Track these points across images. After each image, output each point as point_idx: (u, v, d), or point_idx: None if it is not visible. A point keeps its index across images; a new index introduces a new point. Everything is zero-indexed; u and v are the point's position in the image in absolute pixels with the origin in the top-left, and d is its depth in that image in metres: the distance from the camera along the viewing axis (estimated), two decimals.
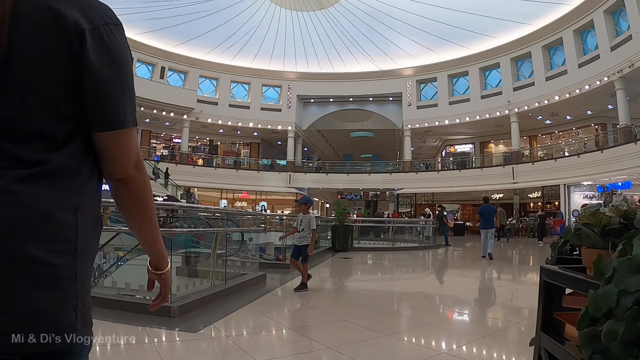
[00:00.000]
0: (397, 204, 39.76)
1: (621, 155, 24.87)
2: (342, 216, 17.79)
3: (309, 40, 36.74)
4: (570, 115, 32.76)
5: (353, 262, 14.69)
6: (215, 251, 7.79)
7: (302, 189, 40.32)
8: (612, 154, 25.88)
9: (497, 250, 20.78)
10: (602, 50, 26.91)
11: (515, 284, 10.91)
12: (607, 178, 26.63)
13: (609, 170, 25.70)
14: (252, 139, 43.79)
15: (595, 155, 27.17)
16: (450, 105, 36.90)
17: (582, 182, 28.77)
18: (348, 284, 10.60)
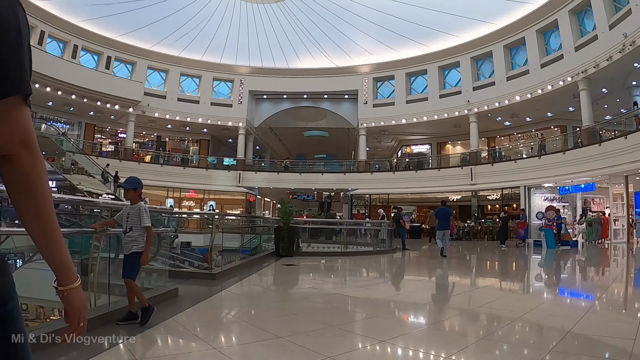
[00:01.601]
0: (350, 205, 38.63)
1: (584, 157, 24.53)
2: (287, 216, 15.84)
3: (263, 34, 35.27)
4: (530, 116, 32.47)
5: (295, 271, 12.60)
6: (93, 258, 5.58)
7: (252, 188, 38.97)
8: (574, 155, 25.49)
9: (467, 256, 19.97)
10: (566, 51, 26.59)
11: (477, 291, 9.90)
12: (570, 180, 26.20)
13: (571, 172, 25.27)
14: (201, 135, 41.92)
15: (557, 157, 26.79)
16: (407, 104, 36.11)
17: (543, 184, 28.31)
18: (278, 302, 7.96)
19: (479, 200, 33.75)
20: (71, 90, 30.69)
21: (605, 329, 5.49)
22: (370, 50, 35.60)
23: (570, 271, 14.19)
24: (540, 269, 15.29)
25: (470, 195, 33.45)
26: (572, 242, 22.20)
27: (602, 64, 23.73)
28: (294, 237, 15.94)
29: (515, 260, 17.37)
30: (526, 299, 8.74)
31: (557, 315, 6.40)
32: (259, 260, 13.68)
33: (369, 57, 36.67)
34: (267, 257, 14.72)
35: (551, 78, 27.32)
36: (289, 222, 15.74)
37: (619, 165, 22.21)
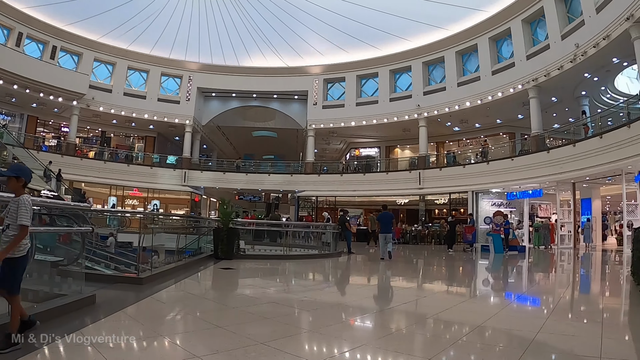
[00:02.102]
0: (297, 207, 38.06)
1: (532, 164, 24.87)
2: (227, 217, 14.97)
3: (214, 29, 34.32)
4: (479, 123, 32.83)
5: (231, 275, 11.60)
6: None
7: (198, 187, 37.79)
8: (523, 162, 25.83)
9: (417, 262, 19.78)
10: (517, 59, 26.95)
11: (421, 293, 9.82)
12: (518, 186, 26.54)
13: (519, 178, 25.60)
14: (147, 132, 40.37)
15: (505, 163, 27.06)
16: (357, 107, 35.88)
17: (491, 190, 28.60)
18: (205, 311, 6.77)
19: (427, 204, 33.74)
20: (13, 80, 29.03)
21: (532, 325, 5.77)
22: (322, 51, 35.20)
23: (516, 276, 14.17)
24: (487, 273, 15.26)
25: (418, 199, 33.41)
26: (520, 247, 22.33)
27: (553, 73, 24.14)
28: (234, 239, 14.98)
29: (462, 265, 17.27)
30: (471, 302, 8.67)
31: (476, 314, 6.72)
32: (196, 263, 12.80)
33: (320, 58, 36.24)
34: (205, 260, 13.85)
35: (502, 85, 27.65)
36: (229, 222, 14.89)
37: (567, 173, 22.62)
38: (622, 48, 20.37)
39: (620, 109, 23.63)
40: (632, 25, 18.71)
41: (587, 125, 23.60)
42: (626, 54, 20.95)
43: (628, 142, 18.49)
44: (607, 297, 9.22)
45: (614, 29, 19.86)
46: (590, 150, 20.99)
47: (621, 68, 24.01)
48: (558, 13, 24.07)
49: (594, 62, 22.30)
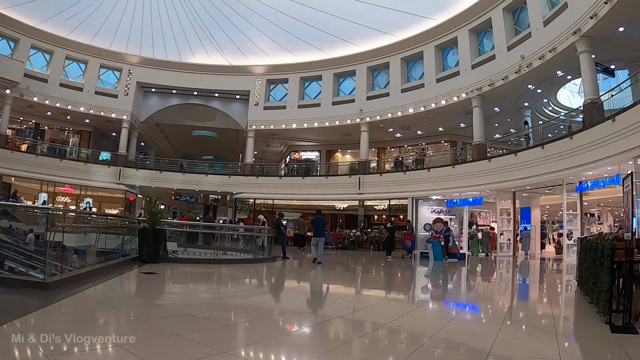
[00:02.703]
0: (234, 210, 37.00)
1: (474, 172, 24.90)
2: (154, 217, 13.97)
3: (158, 22, 32.68)
4: (421, 130, 32.89)
5: (151, 281, 10.49)
6: None
7: (133, 186, 35.99)
8: (464, 169, 25.87)
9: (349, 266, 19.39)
10: (462, 68, 27.07)
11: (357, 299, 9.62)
12: (458, 194, 26.58)
13: (460, 186, 25.59)
14: (83, 126, 38.15)
15: (446, 170, 27.01)
16: (299, 109, 35.29)
17: (432, 197, 28.56)
18: (109, 325, 5.93)
19: (366, 209, 33.43)
20: None
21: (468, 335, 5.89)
22: (266, 51, 34.43)
23: (456, 283, 14.14)
24: (426, 280, 15.15)
25: (357, 204, 33.07)
26: (460, 254, 22.29)
27: (497, 82, 24.33)
28: (160, 240, 13.89)
29: (400, 272, 17.15)
30: (405, 307, 8.69)
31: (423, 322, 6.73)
32: (116, 267, 11.69)
33: (264, 58, 35.42)
34: (127, 263, 12.75)
35: (446, 93, 27.72)
36: (156, 223, 13.87)
37: (508, 181, 22.76)
38: (567, 61, 20.68)
39: (562, 121, 24.16)
40: (579, 39, 18.96)
41: (529, 135, 23.92)
42: (570, 68, 21.34)
43: (570, 153, 18.68)
44: (552, 305, 9.16)
45: (561, 42, 20.11)
46: (531, 160, 21.12)
47: (565, 81, 24.53)
48: (505, 25, 24.30)
49: (539, 74, 22.58)
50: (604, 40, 18.98)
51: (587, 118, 18.82)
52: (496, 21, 24.85)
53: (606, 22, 17.59)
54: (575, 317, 7.78)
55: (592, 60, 19.20)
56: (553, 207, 29.62)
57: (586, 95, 19.29)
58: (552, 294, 11.25)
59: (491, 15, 25.11)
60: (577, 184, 20.17)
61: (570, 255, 20.28)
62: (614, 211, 27.97)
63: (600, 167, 17.32)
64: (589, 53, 19.11)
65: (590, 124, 17.90)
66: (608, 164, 16.77)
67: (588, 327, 6.64)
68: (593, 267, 7.87)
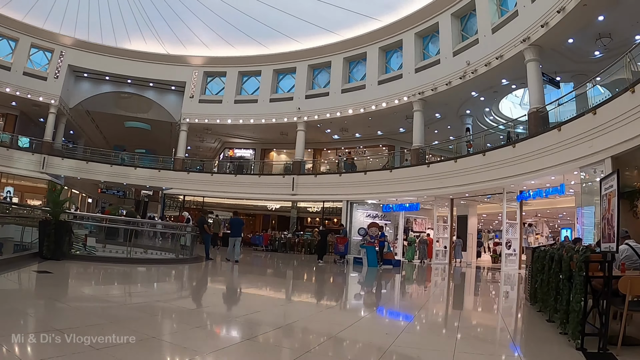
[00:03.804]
0: (163, 206, 35.08)
1: (411, 177, 24.35)
2: (57, 207, 12.38)
3: (95, 4, 30.40)
4: (360, 133, 32.25)
5: (41, 283, 8.90)
6: None
7: (58, 176, 33.13)
8: (401, 174, 25.27)
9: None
10: (406, 71, 26.57)
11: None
12: (395, 198, 25.98)
13: (397, 191, 24.96)
14: (9, 109, 34.96)
15: (383, 174, 26.35)
16: (235, 104, 33.88)
17: (367, 200, 27.82)
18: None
19: (299, 211, 32.30)
20: None
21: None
22: (205, 41, 32.87)
23: (390, 290, 13.56)
24: (358, 287, 14.45)
25: (290, 205, 31.97)
26: (395, 261, 21.57)
27: (440, 87, 23.92)
28: (64, 234, 12.13)
29: (331, 277, 16.25)
30: (345, 317, 7.91)
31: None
32: (7, 262, 10.10)
33: (203, 49, 33.83)
34: (23, 259, 11.09)
35: (387, 96, 27.10)
36: (59, 214, 12.31)
37: (447, 188, 22.27)
38: (513, 70, 20.51)
39: (501, 131, 23.96)
40: (527, 47, 18.73)
41: (470, 142, 23.55)
42: (516, 77, 21.21)
43: (512, 161, 18.33)
44: (504, 320, 8.50)
45: (508, 50, 19.84)
46: (472, 167, 20.69)
47: (508, 90, 24.43)
48: (453, 30, 23.96)
49: (483, 81, 22.32)
50: (552, 51, 18.92)
51: (531, 127, 18.50)
52: (443, 26, 24.48)
53: (556, 31, 17.44)
54: (536, 338, 6.75)
55: (540, 69, 18.99)
56: (489, 216, 29.58)
57: (532, 103, 19.00)
58: (503, 308, 10.50)
59: (439, 20, 24.75)
60: (519, 193, 19.88)
61: (508, 264, 19.97)
62: (549, 222, 28.17)
63: (543, 176, 17.00)
64: (537, 62, 18.92)
65: (535, 133, 17.59)
66: (552, 173, 16.45)
67: (556, 353, 5.67)
68: (554, 282, 7.13)
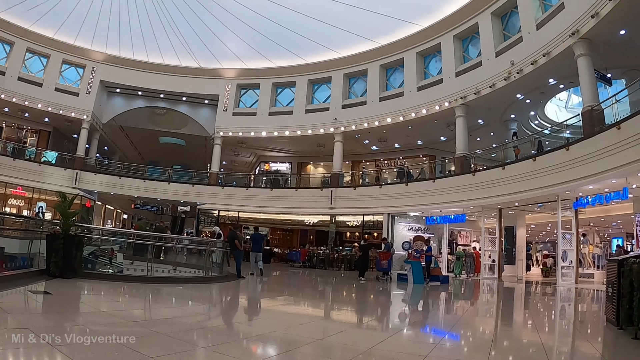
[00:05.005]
0: (197, 221, 34.39)
1: (456, 186, 22.90)
2: (67, 219, 11.09)
3: (126, 19, 30.25)
4: (399, 143, 31.09)
5: (33, 307, 7.36)
6: None
7: (91, 191, 33.11)
8: (445, 184, 23.85)
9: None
10: (446, 75, 25.33)
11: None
12: (439, 210, 24.56)
13: (441, 202, 23.57)
14: (42, 125, 35.21)
15: (426, 185, 25.07)
16: (270, 116, 33.17)
17: (409, 213, 26.50)
18: None
19: (338, 225, 31.22)
20: None
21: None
22: (238, 54, 32.36)
23: (445, 313, 11.75)
24: (405, 307, 12.77)
25: (328, 219, 30.89)
26: (442, 277, 20.11)
27: (484, 91, 22.57)
28: (74, 250, 10.78)
29: (374, 296, 14.86)
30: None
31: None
32: (6, 280, 8.93)
33: (236, 62, 33.40)
34: (25, 277, 9.81)
35: (427, 102, 25.89)
36: (70, 227, 11.08)
37: (494, 197, 20.83)
38: (561, 67, 19.11)
39: (546, 135, 22.40)
40: (577, 42, 17.28)
41: (518, 147, 22.02)
42: (564, 75, 19.81)
43: (566, 166, 16.84)
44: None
45: (556, 46, 18.41)
46: (521, 173, 19.23)
47: (556, 91, 22.92)
48: (493, 30, 22.64)
49: (529, 82, 20.87)
50: (603, 44, 17.39)
51: (586, 127, 16.94)
52: (483, 26, 23.17)
53: (607, 22, 15.99)
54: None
55: (591, 64, 17.46)
56: (538, 227, 27.96)
57: (585, 102, 17.48)
58: (586, 334, 8.41)
59: (478, 21, 23.45)
60: (574, 200, 18.29)
61: (564, 279, 18.36)
62: (599, 231, 26.26)
63: (603, 180, 15.40)
64: (588, 56, 17.39)
65: (591, 133, 16.10)
66: (613, 176, 14.84)
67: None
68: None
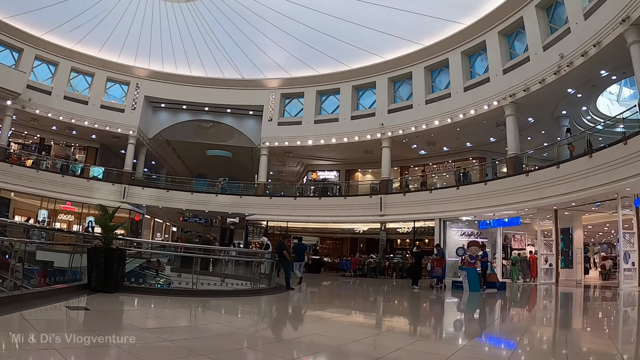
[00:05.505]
0: (246, 233, 34.44)
1: (509, 188, 22.00)
2: (109, 232, 10.91)
3: (167, 35, 30.83)
4: (447, 146, 30.30)
5: (65, 326, 6.81)
6: None
7: (139, 205, 33.96)
8: (498, 186, 22.97)
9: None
10: (493, 74, 24.46)
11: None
12: (492, 213, 23.62)
13: (494, 205, 22.66)
14: (89, 142, 36.44)
15: (477, 188, 24.20)
16: (315, 125, 32.96)
17: (461, 217, 25.64)
18: None
19: (389, 233, 30.61)
20: None
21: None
22: (281, 63, 32.35)
23: (507, 324, 10.66)
24: (467, 319, 11.97)
25: (378, 227, 30.32)
26: (499, 283, 19.18)
27: (533, 87, 21.59)
28: (114, 264, 10.50)
29: (430, 305, 14.38)
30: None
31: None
32: (50, 294, 8.89)
33: (279, 72, 33.39)
34: (68, 291, 9.67)
35: (475, 102, 25.07)
36: (111, 240, 10.88)
37: (549, 198, 19.83)
38: (613, 57, 18.01)
39: (609, 126, 21.21)
40: (628, 28, 16.26)
41: (573, 144, 20.94)
42: (616, 66, 18.74)
43: (624, 161, 15.85)
44: None
45: (606, 35, 17.38)
46: (577, 172, 18.25)
47: (608, 83, 21.72)
48: (539, 23, 21.64)
49: (580, 75, 19.81)
50: None
51: None
52: (529, 20, 22.21)
53: None
54: None
55: None
56: (595, 227, 26.61)
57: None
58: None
59: (523, 15, 22.50)
60: (635, 197, 17.15)
61: (626, 282, 17.25)
62: None
63: None
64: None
65: None
66: None
67: None
68: None
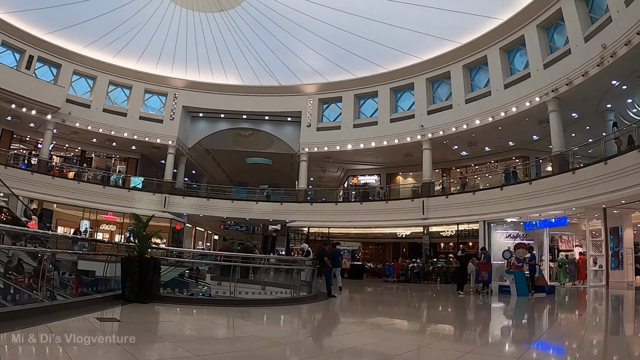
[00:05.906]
0: (287, 239, 34.25)
1: (555, 187, 21.06)
2: (144, 241, 10.64)
3: (203, 45, 31.30)
4: (489, 146, 29.43)
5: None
6: None
7: (180, 214, 34.30)
8: (543, 185, 22.03)
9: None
10: (533, 69, 23.62)
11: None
12: (538, 214, 22.64)
13: (540, 205, 21.72)
14: (130, 153, 37.17)
15: (522, 188, 23.31)
16: (354, 129, 32.63)
17: (506, 219, 24.74)
18: None
19: (432, 237, 29.88)
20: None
21: None
22: (317, 69, 32.26)
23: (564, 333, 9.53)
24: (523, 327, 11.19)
25: (421, 231, 29.67)
26: (548, 287, 18.28)
27: (576, 80, 20.68)
28: (148, 273, 10.18)
29: (478, 312, 13.69)
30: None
31: None
32: (85, 305, 8.73)
33: (316, 77, 33.27)
34: (102, 301, 9.50)
35: (516, 99, 24.24)
36: (146, 250, 10.58)
37: (597, 196, 18.82)
38: None
39: None
40: None
41: (620, 139, 19.87)
42: None
43: None
44: None
45: None
46: (626, 167, 17.25)
47: None
48: (579, 13, 20.74)
49: (624, 65, 18.73)
50: None
51: None
52: (567, 11, 21.35)
53: None
54: None
55: None
56: None
57: None
58: None
59: (561, 6, 21.63)
60: None
61: None
62: None
63: None
64: None
65: None
66: None
67: None
68: None
